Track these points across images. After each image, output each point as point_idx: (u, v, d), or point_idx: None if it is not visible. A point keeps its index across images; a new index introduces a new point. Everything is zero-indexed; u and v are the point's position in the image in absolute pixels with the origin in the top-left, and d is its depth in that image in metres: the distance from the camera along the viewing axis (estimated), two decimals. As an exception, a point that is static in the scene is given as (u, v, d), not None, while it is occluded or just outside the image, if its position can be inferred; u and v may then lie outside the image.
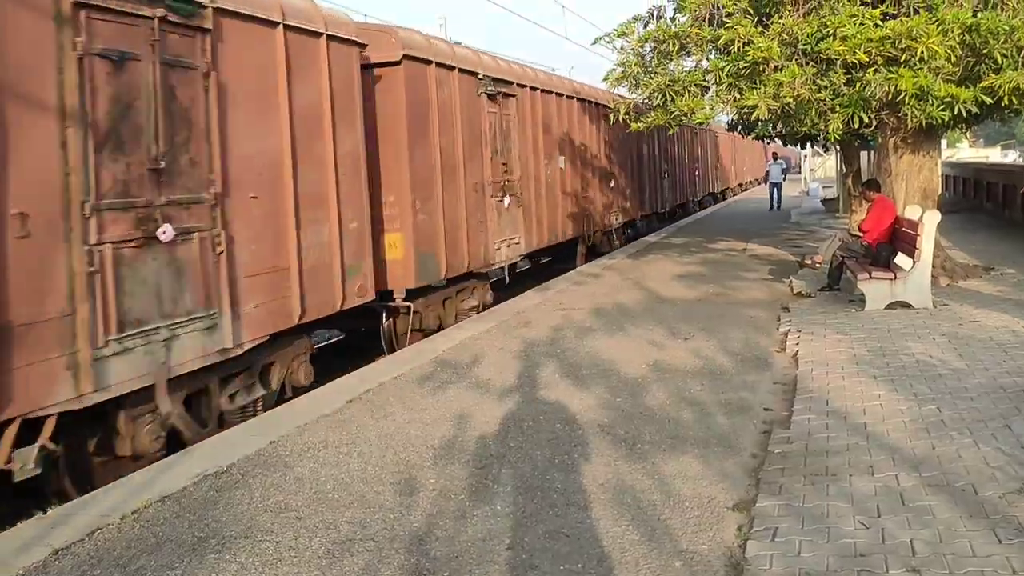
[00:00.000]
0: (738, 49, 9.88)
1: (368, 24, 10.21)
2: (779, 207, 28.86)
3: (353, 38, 9.06)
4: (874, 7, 9.48)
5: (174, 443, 6.60)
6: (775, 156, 32.04)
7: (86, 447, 6.30)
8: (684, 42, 10.96)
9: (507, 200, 13.04)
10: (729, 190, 43.60)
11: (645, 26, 12.53)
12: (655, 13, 12.81)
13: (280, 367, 8.12)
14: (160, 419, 6.44)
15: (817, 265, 13.13)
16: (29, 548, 4.53)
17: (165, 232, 6.36)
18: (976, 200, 23.59)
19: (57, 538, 4.61)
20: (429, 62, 10.73)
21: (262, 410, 7.58)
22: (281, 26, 7.81)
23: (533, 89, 14.44)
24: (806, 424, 5.84)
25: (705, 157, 34.38)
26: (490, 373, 7.92)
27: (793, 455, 5.25)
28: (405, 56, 10.19)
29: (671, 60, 11.35)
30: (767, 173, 31.54)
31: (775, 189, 29.49)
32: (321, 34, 8.43)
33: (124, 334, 6.05)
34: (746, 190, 48.58)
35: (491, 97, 12.55)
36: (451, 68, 11.36)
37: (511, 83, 13.38)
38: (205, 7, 6.87)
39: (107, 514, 4.92)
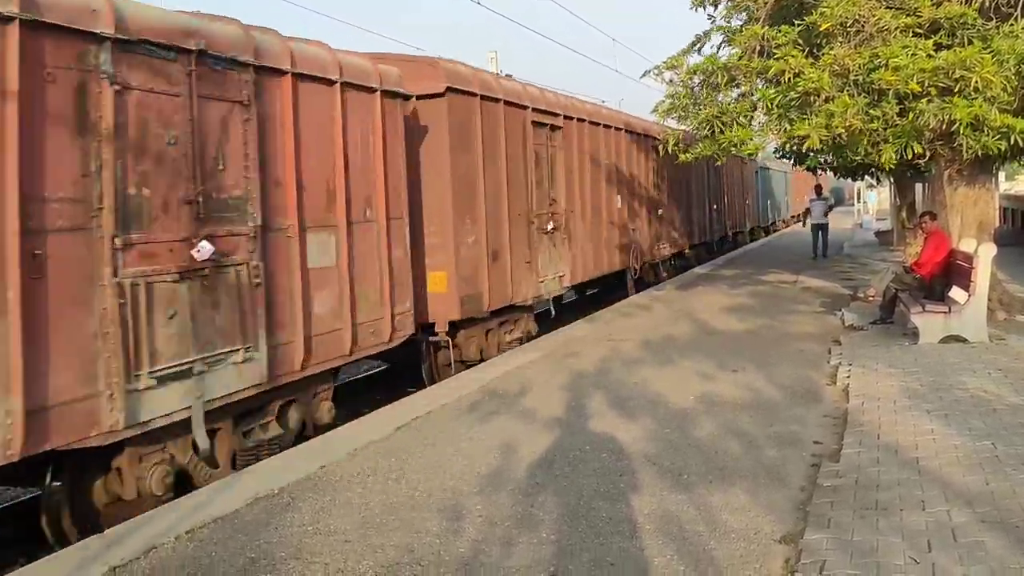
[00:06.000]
0: (788, 80, 9.86)
1: (411, 56, 10.08)
2: (825, 254, 22.80)
3: (374, 86, 8.68)
4: (926, 38, 9.40)
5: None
6: (819, 191, 24.36)
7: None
8: (733, 74, 10.97)
9: (553, 232, 13.00)
10: (782, 222, 43.26)
11: (699, 50, 12.70)
12: (701, 41, 12.98)
13: (299, 407, 7.97)
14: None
15: (870, 298, 12.95)
16: (88, 566, 4.69)
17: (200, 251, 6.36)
18: (1036, 233, 23.06)
19: (114, 556, 4.76)
20: (475, 94, 10.73)
21: (279, 449, 7.38)
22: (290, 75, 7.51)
23: (580, 120, 14.42)
24: (856, 458, 5.76)
25: (756, 189, 34.20)
26: (537, 403, 7.95)
27: (843, 489, 5.19)
28: (449, 88, 10.17)
29: (720, 91, 11.37)
30: (807, 211, 25.66)
31: (819, 232, 23.16)
32: (335, 82, 8.12)
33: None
34: (799, 222, 48.14)
35: (538, 128, 12.58)
36: (496, 100, 11.34)
37: (558, 115, 13.39)
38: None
39: (163, 533, 5.06)
